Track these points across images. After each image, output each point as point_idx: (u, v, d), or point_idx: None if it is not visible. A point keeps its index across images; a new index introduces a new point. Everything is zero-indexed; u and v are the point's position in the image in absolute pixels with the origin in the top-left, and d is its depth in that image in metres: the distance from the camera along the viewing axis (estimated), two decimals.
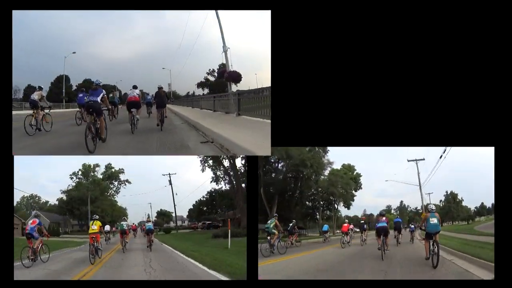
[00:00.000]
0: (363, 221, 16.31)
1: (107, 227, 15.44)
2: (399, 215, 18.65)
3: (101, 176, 24.61)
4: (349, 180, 25.68)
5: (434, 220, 8.42)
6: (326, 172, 24.27)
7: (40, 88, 12.97)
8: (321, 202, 26.62)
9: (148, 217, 18.73)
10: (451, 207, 25.92)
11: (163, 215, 32.46)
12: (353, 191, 27.86)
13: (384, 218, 10.92)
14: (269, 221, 12.23)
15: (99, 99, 9.12)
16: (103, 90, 9.59)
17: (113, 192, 26.30)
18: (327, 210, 24.71)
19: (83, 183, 23.27)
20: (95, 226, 10.88)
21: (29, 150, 9.07)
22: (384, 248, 10.05)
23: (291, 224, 14.91)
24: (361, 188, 27.93)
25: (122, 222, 14.90)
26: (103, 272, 8.85)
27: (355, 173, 28.00)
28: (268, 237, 11.76)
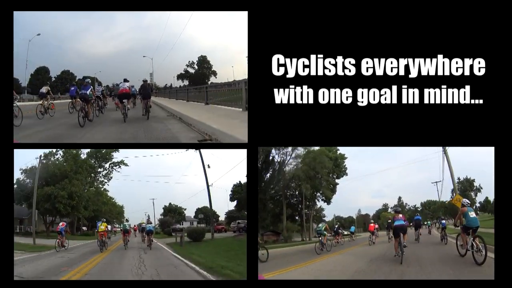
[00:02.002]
0: (390, 221, 16.88)
1: (108, 227, 16.25)
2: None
3: (84, 157, 21.16)
4: (324, 159, 22.55)
5: (473, 214, 8.15)
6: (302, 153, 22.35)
7: (47, 83, 16.64)
8: (288, 194, 23.17)
9: (148, 218, 18.77)
10: (468, 195, 24.16)
11: (173, 212, 26.91)
12: (335, 178, 24.79)
13: (401, 216, 9.98)
14: (320, 225, 14.45)
15: (88, 92, 13.82)
16: (91, 86, 14.36)
17: (101, 178, 22.70)
18: (303, 207, 22.88)
19: (52, 159, 19.84)
20: (102, 227, 14.66)
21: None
22: (402, 250, 9.22)
23: (336, 226, 17.64)
24: (346, 174, 24.35)
25: (125, 223, 16.86)
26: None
27: (338, 153, 24.22)
28: (320, 238, 13.84)
